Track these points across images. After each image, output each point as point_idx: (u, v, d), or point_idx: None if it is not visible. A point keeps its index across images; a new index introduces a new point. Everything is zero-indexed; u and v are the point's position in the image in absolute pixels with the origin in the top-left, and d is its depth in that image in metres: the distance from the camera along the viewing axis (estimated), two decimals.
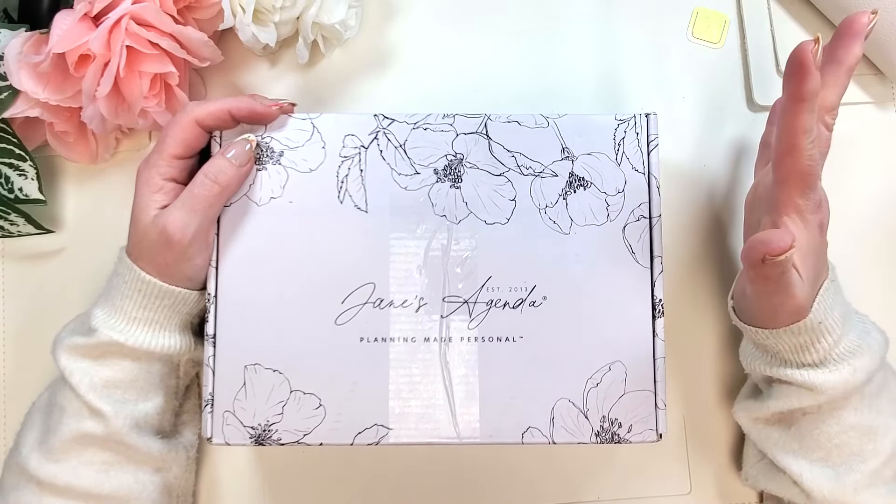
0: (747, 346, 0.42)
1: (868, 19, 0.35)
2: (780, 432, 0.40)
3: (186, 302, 0.39)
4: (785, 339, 0.37)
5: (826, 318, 0.37)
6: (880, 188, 0.47)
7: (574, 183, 0.39)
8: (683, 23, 0.49)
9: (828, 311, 0.37)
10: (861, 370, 0.37)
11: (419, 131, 0.39)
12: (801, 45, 0.32)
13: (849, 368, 0.37)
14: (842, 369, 0.37)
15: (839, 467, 0.38)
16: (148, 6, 0.40)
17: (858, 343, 0.37)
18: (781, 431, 0.40)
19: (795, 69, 0.33)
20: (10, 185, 0.43)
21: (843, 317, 0.38)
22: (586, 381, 0.38)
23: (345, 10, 0.44)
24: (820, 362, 0.37)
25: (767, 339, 0.38)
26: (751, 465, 0.43)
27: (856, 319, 0.39)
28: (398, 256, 0.39)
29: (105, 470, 0.38)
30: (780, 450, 0.40)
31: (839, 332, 0.37)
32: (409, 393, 0.38)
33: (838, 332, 0.37)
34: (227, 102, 0.38)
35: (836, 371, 0.37)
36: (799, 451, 0.39)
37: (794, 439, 0.39)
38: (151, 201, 0.38)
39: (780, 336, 0.37)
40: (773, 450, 0.40)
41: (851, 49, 0.35)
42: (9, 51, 0.41)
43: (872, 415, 0.38)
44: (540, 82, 0.48)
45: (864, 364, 0.37)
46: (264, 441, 0.38)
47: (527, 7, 0.49)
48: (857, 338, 0.38)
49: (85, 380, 0.38)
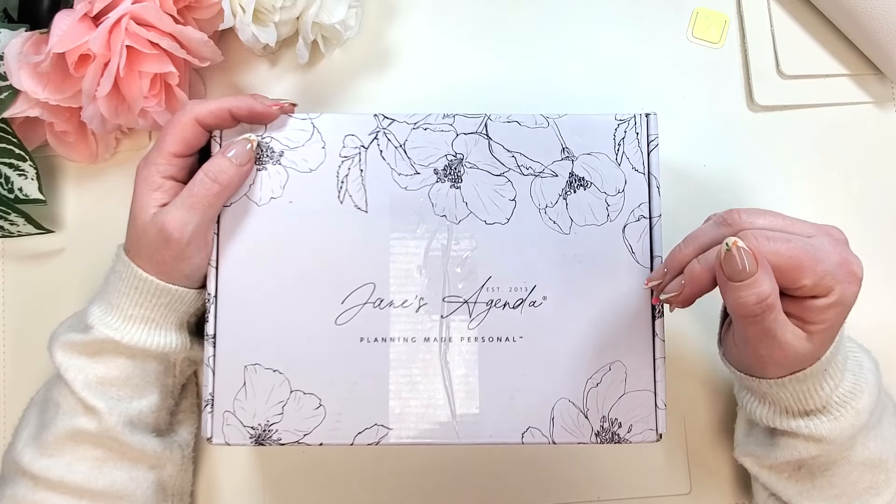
0: (742, 390, 0.40)
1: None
2: (789, 473, 0.39)
3: (184, 300, 0.39)
4: (783, 390, 0.35)
5: (830, 365, 0.35)
6: (880, 188, 0.47)
7: (574, 183, 0.39)
8: (683, 23, 0.49)
9: (832, 358, 0.35)
10: (864, 411, 0.36)
11: (419, 131, 0.39)
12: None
13: (852, 412, 0.36)
14: (846, 414, 0.36)
15: (854, 502, 0.37)
16: (148, 6, 0.40)
17: (856, 382, 0.36)
18: (791, 472, 0.39)
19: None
20: (10, 185, 0.43)
21: (844, 357, 0.36)
22: (586, 381, 0.38)
23: (345, 10, 0.44)
24: (822, 408, 0.36)
25: (763, 388, 0.36)
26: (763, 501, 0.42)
27: (851, 355, 0.38)
28: (398, 256, 0.39)
29: (98, 466, 0.38)
30: (793, 492, 0.39)
31: (840, 375, 0.36)
32: (409, 393, 0.38)
33: (839, 376, 0.36)
34: (227, 101, 0.38)
35: (842, 417, 0.36)
36: (811, 489, 0.38)
37: (806, 481, 0.38)
38: (150, 199, 0.38)
39: (776, 387, 0.35)
40: (784, 492, 0.39)
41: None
42: (9, 51, 0.40)
43: (878, 445, 0.37)
44: (540, 82, 0.48)
45: (864, 404, 0.36)
46: (264, 441, 0.38)
47: (527, 7, 0.49)
48: (853, 377, 0.36)
49: (80, 377, 0.38)
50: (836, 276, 0.31)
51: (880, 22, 0.45)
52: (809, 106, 0.48)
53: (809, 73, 0.48)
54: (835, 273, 0.31)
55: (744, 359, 0.36)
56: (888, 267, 0.47)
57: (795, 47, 0.48)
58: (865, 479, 0.37)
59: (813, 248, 0.31)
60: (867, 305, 0.42)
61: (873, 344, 0.40)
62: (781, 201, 0.47)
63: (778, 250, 0.31)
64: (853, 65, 0.48)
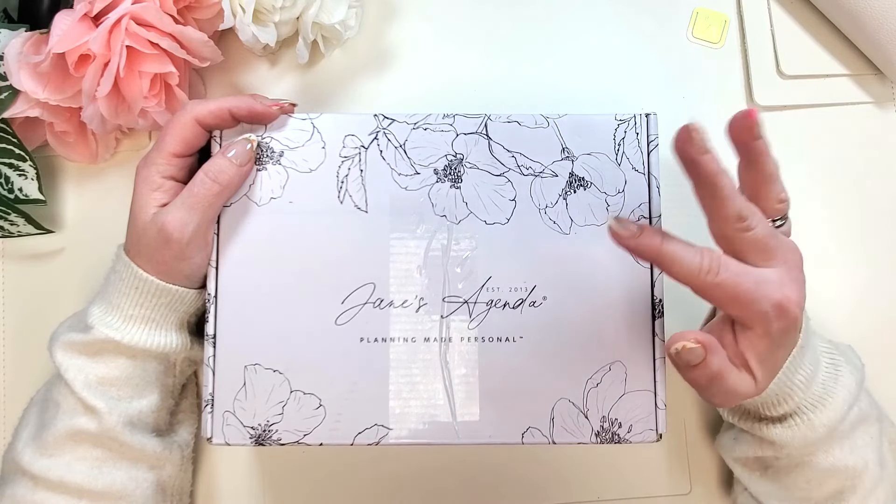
0: None
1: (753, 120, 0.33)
2: (758, 473, 0.40)
3: (184, 300, 0.39)
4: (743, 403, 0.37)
5: (783, 387, 0.35)
6: (880, 188, 0.47)
7: (574, 183, 0.39)
8: (683, 23, 0.49)
9: (787, 381, 0.35)
10: (821, 425, 0.36)
11: (419, 131, 0.39)
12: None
13: (807, 425, 0.36)
14: (800, 425, 0.36)
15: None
16: (148, 6, 0.40)
17: (822, 396, 0.36)
18: (759, 472, 0.40)
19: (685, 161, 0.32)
20: (10, 185, 0.43)
21: (809, 375, 0.36)
22: (586, 381, 0.38)
23: (345, 10, 0.44)
24: (781, 418, 0.37)
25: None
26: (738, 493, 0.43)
27: (824, 366, 0.37)
28: (398, 256, 0.39)
29: (98, 466, 0.38)
30: (762, 491, 0.40)
31: (801, 392, 0.36)
32: (409, 393, 0.38)
33: (800, 394, 0.36)
34: (227, 101, 0.38)
35: (795, 427, 0.36)
36: (779, 490, 0.39)
37: (773, 481, 0.39)
38: (150, 199, 0.38)
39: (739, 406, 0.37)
40: (755, 489, 0.40)
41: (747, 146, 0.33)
42: (9, 51, 0.40)
43: (846, 454, 0.37)
44: (540, 82, 0.48)
45: (825, 418, 0.36)
46: (264, 441, 0.38)
47: (527, 7, 0.49)
48: (821, 389, 0.36)
49: (80, 376, 0.38)
50: (767, 314, 0.32)
51: (880, 22, 0.45)
52: (809, 106, 0.48)
53: (809, 73, 0.48)
54: (766, 310, 0.32)
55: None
56: (888, 267, 0.47)
57: (795, 47, 0.48)
58: (830, 484, 0.38)
59: (756, 283, 0.32)
60: (867, 305, 0.42)
61: (873, 344, 0.41)
62: None
63: (722, 282, 0.32)
64: (853, 65, 0.48)
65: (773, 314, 0.32)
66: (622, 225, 0.32)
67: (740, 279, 0.32)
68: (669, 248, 0.32)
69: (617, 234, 0.32)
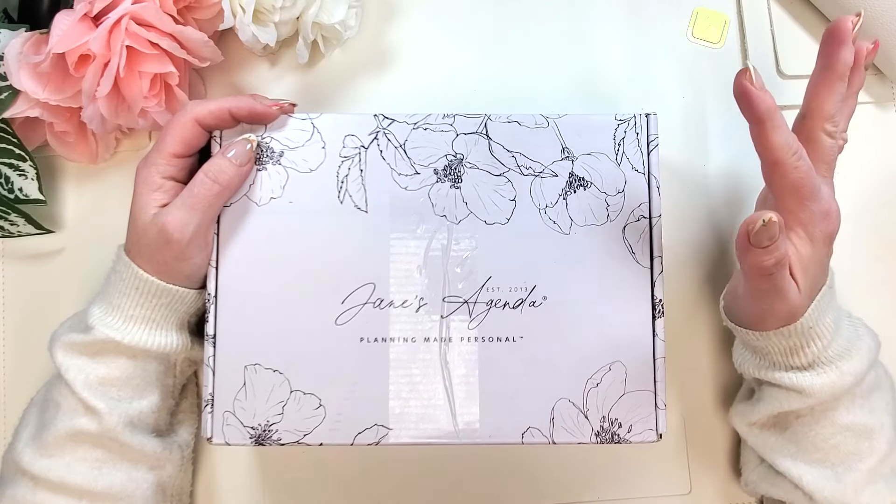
0: (738, 347, 0.42)
1: (852, 23, 0.35)
2: (775, 436, 0.40)
3: (184, 301, 0.39)
4: (775, 342, 0.37)
5: (817, 324, 0.37)
6: (880, 188, 0.47)
7: (574, 183, 0.39)
8: (683, 23, 0.49)
9: (820, 317, 0.37)
10: (848, 373, 0.37)
11: (419, 131, 0.39)
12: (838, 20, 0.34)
13: (836, 371, 0.37)
14: (830, 372, 0.37)
15: (838, 467, 0.38)
16: (148, 6, 0.40)
17: (847, 347, 0.38)
18: (777, 435, 0.40)
19: (829, 40, 0.35)
20: (10, 185, 0.43)
21: (835, 322, 0.38)
22: (586, 381, 0.38)
23: (345, 10, 0.44)
24: (808, 365, 0.37)
25: (757, 340, 0.38)
26: (750, 471, 0.43)
27: (847, 324, 0.39)
28: (398, 256, 0.39)
29: (98, 467, 0.38)
30: (778, 454, 0.40)
31: (829, 336, 0.37)
32: (409, 393, 0.38)
33: (828, 337, 0.37)
34: (227, 102, 0.38)
35: (825, 374, 0.37)
36: (796, 453, 0.39)
37: (791, 442, 0.39)
38: (151, 200, 0.38)
39: (770, 338, 0.37)
40: (770, 454, 0.40)
41: (838, 55, 0.35)
42: (9, 51, 0.41)
43: (865, 414, 0.38)
44: (539, 82, 0.48)
45: (852, 367, 0.37)
46: (264, 441, 0.38)
47: (527, 7, 0.49)
48: (846, 342, 0.38)
49: (80, 377, 0.38)
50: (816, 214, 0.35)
51: (880, 22, 0.45)
52: None
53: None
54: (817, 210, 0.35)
55: (746, 312, 0.38)
56: (888, 266, 0.47)
57: (795, 47, 0.48)
58: (849, 443, 0.38)
59: (818, 185, 0.35)
60: (865, 306, 0.42)
61: None
62: None
63: (799, 167, 0.34)
64: None
65: (820, 217, 0.35)
66: (756, 74, 0.34)
67: (812, 173, 0.35)
68: (779, 115, 0.34)
69: (744, 82, 0.34)
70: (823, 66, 0.36)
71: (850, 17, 0.35)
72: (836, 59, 0.35)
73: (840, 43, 0.35)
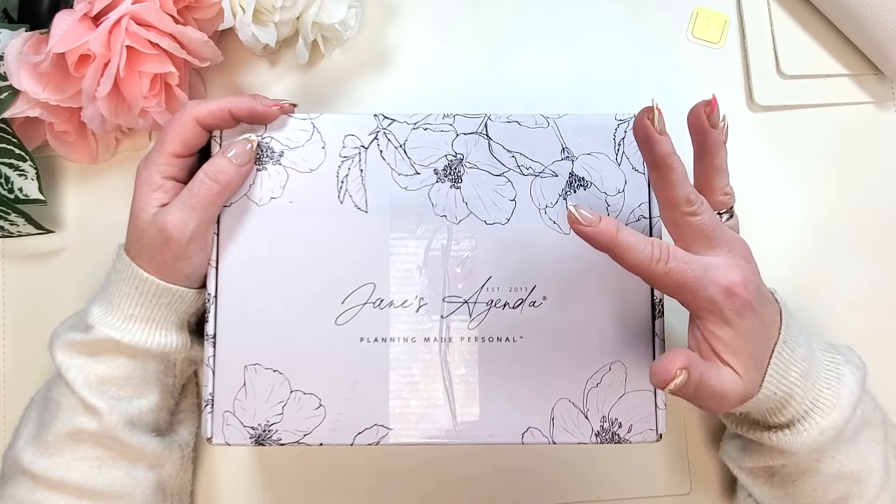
0: None
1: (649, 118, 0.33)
2: (764, 479, 0.40)
3: (184, 300, 0.39)
4: (748, 410, 0.37)
5: (780, 387, 0.35)
6: (880, 188, 0.47)
7: (574, 183, 0.39)
8: (683, 23, 0.49)
9: (782, 379, 0.35)
10: (830, 428, 0.36)
11: (419, 131, 0.39)
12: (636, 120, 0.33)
13: (816, 429, 0.36)
14: (810, 430, 0.36)
15: None
16: (148, 6, 0.40)
17: (827, 399, 0.36)
18: (766, 478, 0.40)
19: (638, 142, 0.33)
20: (10, 185, 0.43)
21: (804, 373, 0.36)
22: (586, 381, 0.38)
23: (345, 10, 0.44)
24: (788, 423, 0.37)
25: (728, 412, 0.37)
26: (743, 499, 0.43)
27: (825, 362, 0.37)
28: (398, 256, 0.39)
29: (98, 466, 0.38)
30: (768, 497, 0.40)
31: (801, 391, 0.36)
32: (409, 393, 0.38)
33: (801, 393, 0.36)
34: (227, 101, 0.38)
35: (805, 432, 0.36)
36: (785, 496, 0.39)
37: (779, 488, 0.39)
38: (151, 199, 0.38)
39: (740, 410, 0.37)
40: (761, 497, 0.40)
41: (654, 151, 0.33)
42: (9, 51, 0.40)
43: (851, 459, 0.37)
44: (540, 82, 0.48)
45: (832, 421, 0.36)
46: (264, 441, 0.38)
47: (527, 7, 0.49)
48: (826, 390, 0.36)
49: (80, 376, 0.38)
50: (715, 299, 0.33)
51: (880, 22, 0.45)
52: (809, 106, 0.48)
53: (809, 73, 0.48)
54: (714, 295, 0.33)
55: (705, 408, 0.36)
56: (888, 267, 0.47)
57: (795, 47, 0.48)
58: (837, 489, 0.38)
59: (703, 270, 0.33)
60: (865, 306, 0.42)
61: (873, 344, 0.40)
62: (781, 201, 0.47)
63: (670, 271, 0.32)
64: (853, 65, 0.48)
65: (722, 298, 0.33)
66: (580, 213, 0.33)
67: (687, 267, 0.33)
68: (623, 238, 0.32)
69: (575, 223, 0.33)
70: (649, 165, 0.34)
71: (647, 110, 0.33)
72: (655, 156, 0.33)
73: (648, 142, 0.33)
